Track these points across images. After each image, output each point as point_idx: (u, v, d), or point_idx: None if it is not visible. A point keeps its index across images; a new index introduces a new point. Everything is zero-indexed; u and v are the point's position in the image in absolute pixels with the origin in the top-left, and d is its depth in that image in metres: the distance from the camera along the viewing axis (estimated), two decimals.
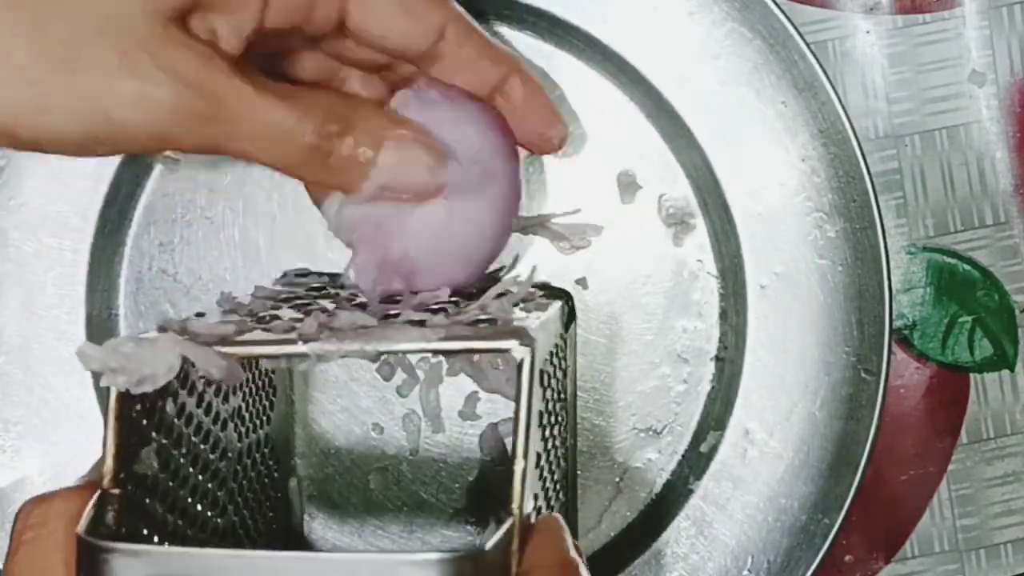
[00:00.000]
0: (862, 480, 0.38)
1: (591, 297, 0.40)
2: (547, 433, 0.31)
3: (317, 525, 0.40)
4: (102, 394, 0.40)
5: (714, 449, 0.39)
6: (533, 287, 0.34)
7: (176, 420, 0.30)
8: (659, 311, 0.40)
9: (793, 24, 0.38)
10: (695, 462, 0.40)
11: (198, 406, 0.32)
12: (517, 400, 0.27)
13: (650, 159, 0.40)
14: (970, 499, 0.42)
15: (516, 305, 0.32)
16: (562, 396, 0.34)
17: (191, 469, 0.31)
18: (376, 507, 0.40)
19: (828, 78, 0.38)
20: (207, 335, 0.29)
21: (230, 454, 0.34)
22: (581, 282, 0.40)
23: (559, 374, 0.33)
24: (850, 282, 0.38)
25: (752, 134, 0.39)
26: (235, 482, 0.35)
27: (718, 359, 0.40)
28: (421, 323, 0.29)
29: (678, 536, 0.39)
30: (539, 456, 0.29)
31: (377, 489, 0.40)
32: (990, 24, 0.42)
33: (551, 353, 0.32)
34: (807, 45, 0.38)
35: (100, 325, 0.40)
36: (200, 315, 0.31)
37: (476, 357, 0.30)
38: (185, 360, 0.28)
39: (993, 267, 0.42)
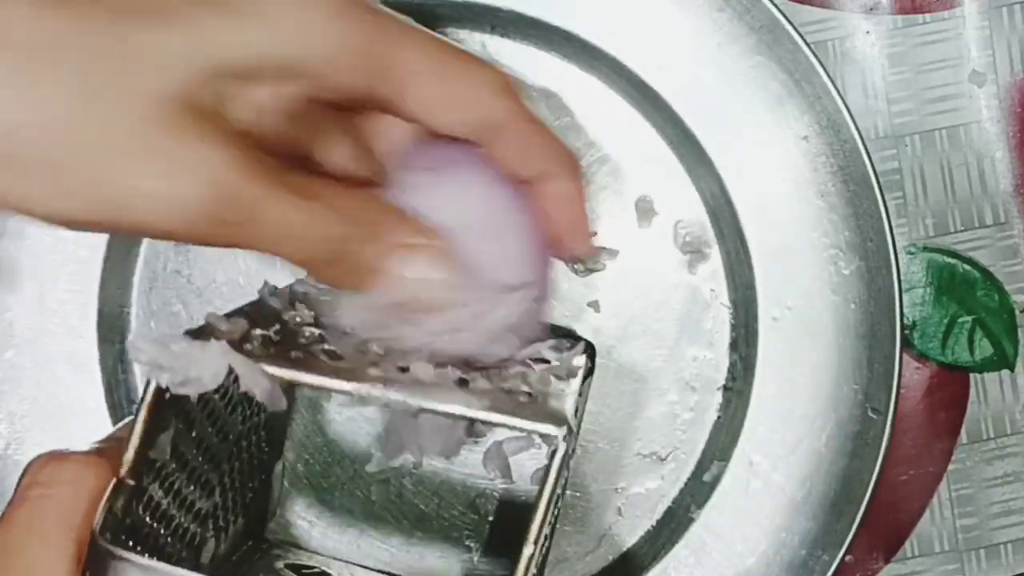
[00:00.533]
0: (864, 518, 0.38)
1: (602, 320, 0.40)
2: (557, 509, 0.31)
3: (317, 533, 0.40)
4: (110, 390, 0.40)
5: (717, 479, 0.39)
6: (560, 335, 0.34)
7: (195, 406, 0.31)
8: (670, 338, 0.40)
9: (820, 62, 0.38)
10: (697, 491, 0.40)
11: (215, 392, 0.32)
12: (543, 484, 0.28)
13: (669, 186, 0.40)
14: (970, 499, 0.42)
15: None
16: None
17: (194, 451, 0.31)
18: (376, 519, 0.40)
19: (851, 116, 0.38)
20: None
21: (230, 436, 0.34)
22: (593, 305, 0.40)
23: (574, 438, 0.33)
24: (862, 320, 0.38)
25: (772, 167, 0.39)
26: (227, 463, 0.35)
27: (726, 389, 0.40)
28: (464, 382, 0.29)
29: (677, 564, 0.39)
30: (547, 538, 0.29)
31: (379, 501, 0.40)
32: (990, 24, 0.42)
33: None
34: (832, 82, 0.38)
35: (111, 322, 0.40)
36: (240, 311, 0.31)
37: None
38: (230, 371, 0.28)
39: (993, 267, 0.42)
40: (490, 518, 0.40)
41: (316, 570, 0.37)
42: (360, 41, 0.27)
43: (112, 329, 0.40)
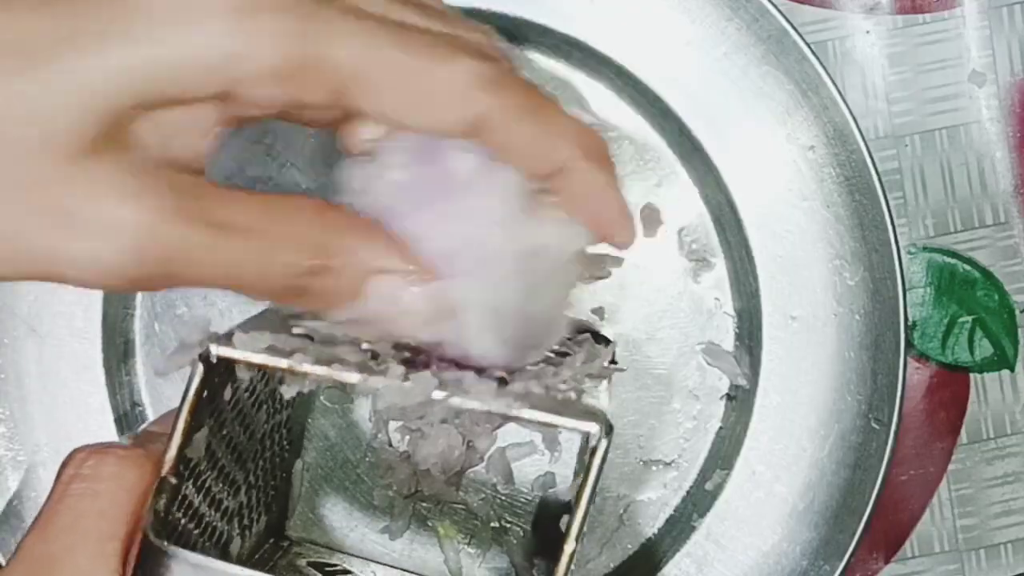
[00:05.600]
0: (866, 529, 0.38)
1: (607, 328, 0.40)
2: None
3: (335, 531, 0.40)
4: (114, 392, 0.40)
5: (720, 488, 0.39)
6: (581, 332, 0.34)
7: (227, 405, 0.30)
8: (673, 346, 0.40)
9: (828, 73, 0.38)
10: (700, 499, 0.40)
11: (245, 390, 0.32)
12: (583, 482, 0.28)
13: (674, 194, 0.40)
14: (970, 499, 0.42)
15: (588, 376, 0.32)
16: None
17: (224, 449, 0.31)
18: (379, 522, 0.40)
19: (858, 127, 0.38)
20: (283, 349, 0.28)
21: (256, 435, 0.34)
22: (598, 312, 0.40)
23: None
24: (867, 331, 0.38)
25: (778, 176, 0.39)
26: (252, 462, 0.35)
27: (729, 398, 0.40)
28: (502, 380, 0.28)
29: (679, 573, 0.39)
30: (584, 536, 0.29)
31: (381, 505, 0.40)
32: (990, 24, 0.42)
33: None
34: (840, 93, 0.38)
35: (116, 323, 0.40)
36: (262, 316, 0.30)
37: None
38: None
39: (993, 267, 0.42)
40: (492, 524, 0.40)
41: (338, 567, 0.37)
42: (289, 44, 0.22)
43: (116, 330, 0.40)
